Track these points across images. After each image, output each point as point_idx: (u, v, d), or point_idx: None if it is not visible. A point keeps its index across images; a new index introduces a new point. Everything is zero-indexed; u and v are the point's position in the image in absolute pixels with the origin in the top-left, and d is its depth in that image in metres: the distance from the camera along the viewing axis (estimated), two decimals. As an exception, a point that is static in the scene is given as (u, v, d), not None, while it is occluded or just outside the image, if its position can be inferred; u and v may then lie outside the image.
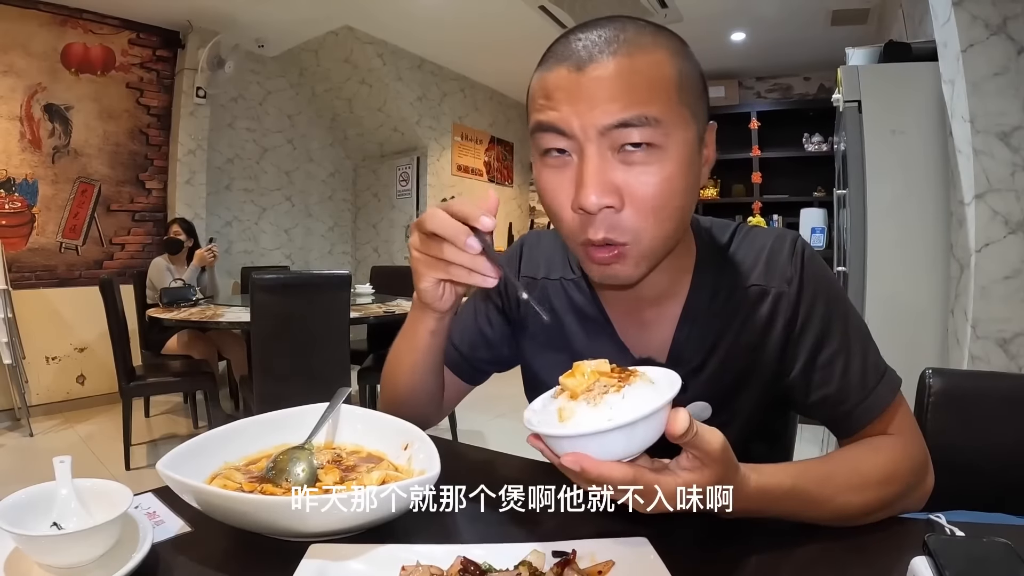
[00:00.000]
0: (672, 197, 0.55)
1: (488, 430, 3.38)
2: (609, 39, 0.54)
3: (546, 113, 0.55)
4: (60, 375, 3.68)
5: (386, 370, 0.78)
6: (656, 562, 0.47)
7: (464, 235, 0.54)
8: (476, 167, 5.75)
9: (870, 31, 3.93)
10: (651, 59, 0.54)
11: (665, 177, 0.54)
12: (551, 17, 4.01)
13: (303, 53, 4.78)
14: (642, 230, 0.56)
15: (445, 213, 0.56)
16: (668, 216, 0.56)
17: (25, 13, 3.48)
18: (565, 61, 0.54)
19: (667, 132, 0.53)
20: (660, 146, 0.53)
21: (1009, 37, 1.71)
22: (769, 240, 0.68)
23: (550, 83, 0.55)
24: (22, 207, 3.54)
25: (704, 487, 0.46)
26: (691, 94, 0.56)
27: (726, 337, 0.66)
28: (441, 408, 0.83)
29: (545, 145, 0.56)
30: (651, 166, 0.54)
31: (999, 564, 0.43)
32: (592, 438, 0.44)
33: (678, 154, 0.55)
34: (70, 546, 0.48)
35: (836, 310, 0.65)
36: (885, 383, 0.64)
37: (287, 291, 2.34)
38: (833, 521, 0.57)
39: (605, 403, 0.45)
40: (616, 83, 0.52)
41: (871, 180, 2.17)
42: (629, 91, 0.52)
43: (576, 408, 0.46)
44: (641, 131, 0.52)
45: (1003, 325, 1.73)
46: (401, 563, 0.48)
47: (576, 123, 0.53)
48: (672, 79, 0.54)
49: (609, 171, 0.54)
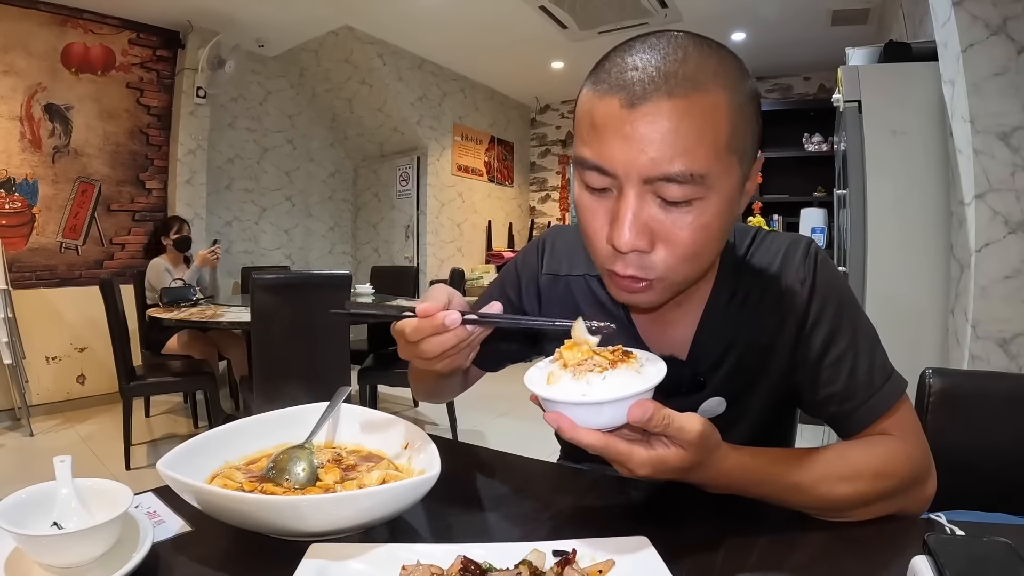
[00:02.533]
0: (707, 243, 0.56)
1: (489, 430, 3.38)
2: (667, 73, 0.51)
3: (592, 147, 0.54)
4: (60, 375, 3.68)
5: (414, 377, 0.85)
6: (656, 562, 0.47)
7: (463, 334, 0.55)
8: (476, 167, 5.75)
9: (870, 31, 3.93)
10: (708, 101, 0.51)
11: (702, 225, 0.54)
12: (551, 17, 4.01)
13: (303, 53, 4.78)
14: (672, 270, 0.56)
15: (433, 337, 0.55)
16: (701, 260, 0.57)
17: (25, 13, 3.48)
18: (618, 92, 0.52)
19: (710, 185, 0.52)
20: (701, 197, 0.53)
21: (1009, 37, 1.71)
22: (785, 244, 0.70)
23: (598, 115, 0.53)
24: (22, 207, 3.54)
25: (678, 465, 0.50)
26: (742, 135, 0.54)
27: (743, 336, 0.69)
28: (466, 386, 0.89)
29: (586, 181, 0.56)
30: (689, 215, 0.53)
31: (999, 564, 0.43)
32: (565, 406, 0.49)
33: (719, 202, 0.54)
34: (70, 546, 0.48)
35: (846, 312, 0.67)
36: (891, 385, 0.65)
37: (287, 291, 2.34)
38: (824, 510, 0.59)
39: (585, 380, 0.49)
40: (667, 129, 0.50)
41: (871, 180, 2.17)
42: (678, 141, 0.50)
43: (562, 376, 0.50)
44: (682, 188, 0.52)
45: (1003, 325, 1.73)
46: (401, 563, 0.48)
47: (620, 164, 0.52)
48: (725, 126, 0.52)
49: (646, 213, 0.53)
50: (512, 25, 4.16)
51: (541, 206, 6.46)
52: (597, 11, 3.90)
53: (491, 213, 5.95)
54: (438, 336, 0.54)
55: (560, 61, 4.99)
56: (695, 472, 0.52)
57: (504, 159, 6.14)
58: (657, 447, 0.50)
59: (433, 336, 0.54)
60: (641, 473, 0.50)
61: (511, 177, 6.25)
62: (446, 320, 0.53)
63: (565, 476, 0.77)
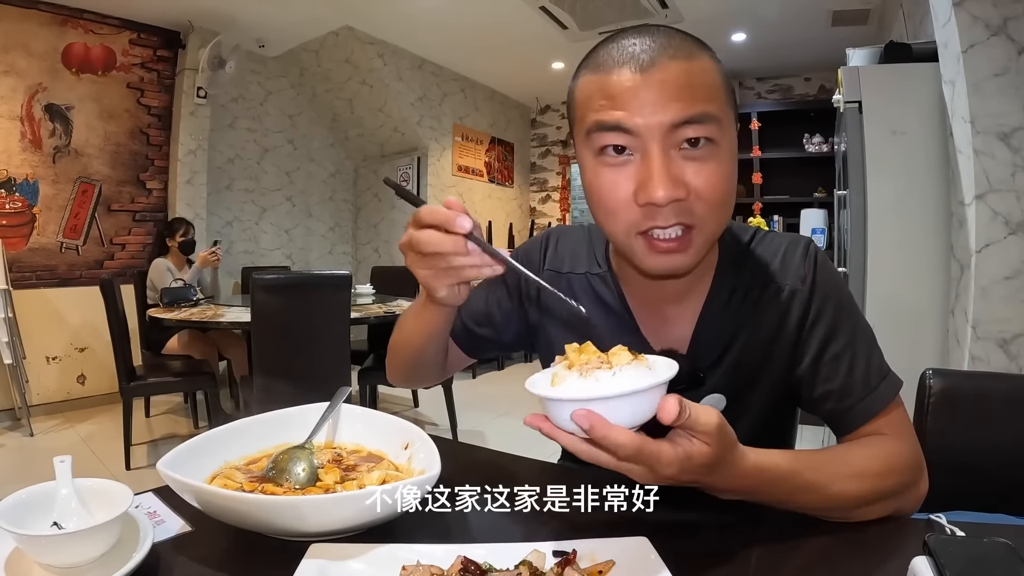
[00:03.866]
0: (730, 188, 0.60)
1: (489, 430, 3.38)
2: (664, 44, 0.58)
3: (609, 113, 0.57)
4: (60, 375, 3.68)
5: (394, 346, 0.81)
6: (656, 562, 0.47)
7: (461, 243, 0.54)
8: (476, 167, 5.75)
9: (870, 32, 3.93)
10: (703, 65, 0.58)
11: (724, 171, 0.59)
12: (552, 18, 4.01)
13: (304, 53, 4.78)
14: (707, 218, 0.59)
15: (431, 229, 0.55)
16: (727, 207, 0.61)
17: (26, 13, 3.48)
18: (626, 64, 0.57)
19: (722, 130, 0.58)
20: (717, 142, 0.58)
21: (1009, 38, 1.71)
22: (784, 243, 0.71)
23: (612, 84, 0.57)
24: (23, 207, 3.54)
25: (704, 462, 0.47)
26: (731, 98, 0.62)
27: (743, 333, 0.69)
28: (444, 372, 0.86)
29: (605, 142, 0.59)
30: (710, 162, 0.58)
31: (999, 564, 0.43)
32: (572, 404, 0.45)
33: (730, 150, 0.60)
34: (70, 546, 0.48)
35: (845, 311, 0.68)
36: (887, 384, 0.66)
37: (288, 291, 2.34)
38: (829, 509, 0.59)
39: (593, 377, 0.47)
40: (680, 84, 0.56)
41: (872, 181, 2.17)
42: (692, 91, 0.56)
43: (567, 376, 0.48)
44: (701, 127, 0.56)
45: (1003, 326, 1.73)
46: (401, 563, 0.48)
47: (641, 122, 0.56)
48: (720, 83, 0.59)
49: (675, 167, 0.57)
50: (512, 25, 4.16)
51: (541, 207, 6.46)
52: (597, 11, 3.90)
53: (491, 214, 5.95)
54: (440, 234, 0.54)
55: (561, 61, 4.99)
56: (717, 472, 0.50)
57: (504, 159, 6.13)
58: (681, 443, 0.47)
59: (435, 229, 0.54)
60: (667, 473, 0.47)
61: (511, 178, 6.25)
62: (458, 220, 0.53)
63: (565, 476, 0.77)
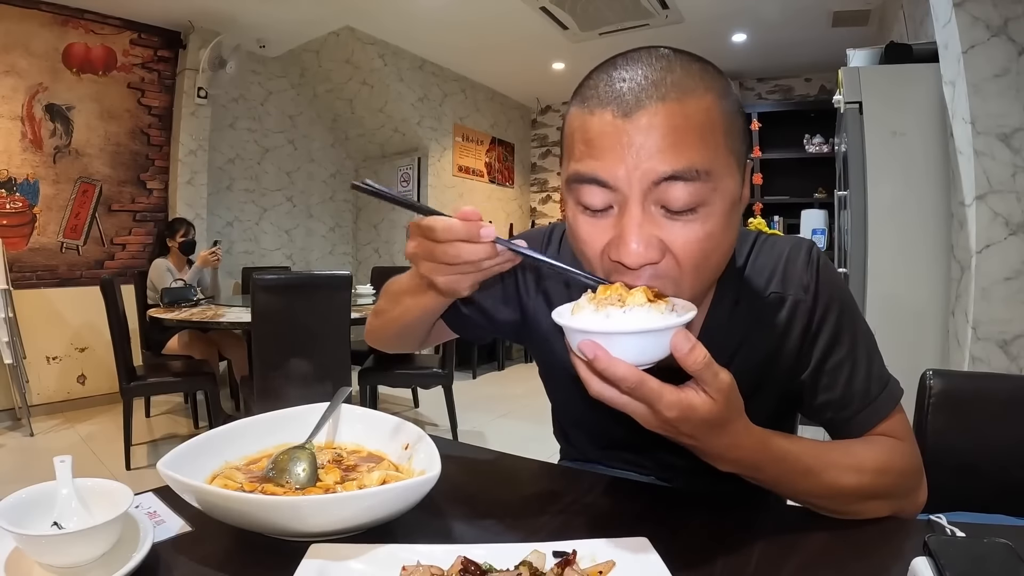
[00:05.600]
0: (715, 252, 0.54)
1: (489, 430, 3.38)
2: (656, 81, 0.51)
3: (587, 163, 0.52)
4: (61, 375, 3.68)
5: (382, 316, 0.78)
6: (656, 562, 0.47)
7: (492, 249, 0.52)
8: (477, 168, 5.75)
9: (871, 32, 3.93)
10: (700, 104, 0.51)
11: (708, 233, 0.52)
12: (552, 18, 4.02)
13: (304, 54, 4.79)
14: (682, 281, 0.54)
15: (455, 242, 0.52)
16: (709, 269, 0.56)
17: (26, 13, 3.48)
18: (610, 104, 0.51)
19: (714, 186, 0.51)
20: (706, 203, 0.51)
21: (1010, 38, 1.71)
22: (786, 249, 0.69)
23: (593, 129, 0.52)
24: (23, 207, 3.54)
25: (705, 416, 0.47)
26: (736, 138, 0.54)
27: (746, 344, 0.68)
28: (426, 342, 0.83)
29: (584, 200, 0.54)
30: (695, 223, 0.52)
31: (1000, 565, 0.43)
32: (578, 334, 0.46)
33: (723, 207, 0.53)
34: (71, 546, 0.48)
35: (846, 318, 0.67)
36: (887, 394, 0.65)
37: (288, 292, 2.34)
38: (825, 498, 0.59)
39: (605, 312, 0.48)
40: (666, 132, 0.50)
41: (872, 181, 2.17)
42: (679, 141, 0.50)
43: (584, 307, 0.49)
44: (687, 186, 0.50)
45: (1004, 326, 1.73)
46: (402, 563, 0.48)
47: (622, 175, 0.50)
48: (720, 123, 0.52)
49: (652, 225, 0.52)
50: (513, 26, 4.16)
51: (542, 207, 6.46)
52: (598, 12, 3.90)
53: (492, 214, 5.95)
54: (469, 244, 0.51)
55: (561, 62, 5.00)
56: (716, 433, 0.49)
57: (505, 160, 6.14)
58: (687, 391, 0.47)
59: (463, 242, 0.51)
60: (668, 416, 0.46)
61: (512, 178, 6.25)
62: (483, 230, 0.51)
63: (565, 477, 0.77)
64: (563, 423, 0.88)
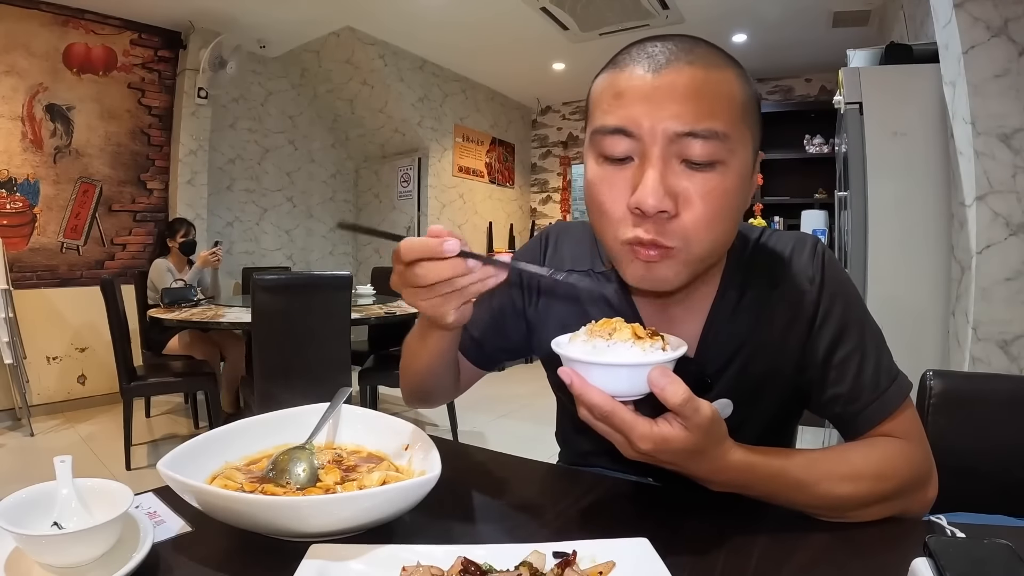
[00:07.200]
0: (728, 210, 0.56)
1: (489, 431, 3.38)
2: (684, 49, 0.55)
3: (615, 113, 0.55)
4: (61, 375, 3.68)
5: (404, 371, 0.80)
6: (656, 562, 0.47)
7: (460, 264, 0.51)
8: (477, 168, 5.75)
9: (871, 33, 3.93)
10: (723, 76, 0.55)
11: (724, 190, 0.55)
12: (552, 19, 4.02)
13: (305, 54, 4.79)
14: (693, 238, 0.56)
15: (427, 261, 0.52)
16: (720, 229, 0.57)
17: (27, 13, 3.49)
18: (640, 63, 0.55)
19: (731, 148, 0.54)
20: (725, 162, 0.54)
21: (1010, 39, 1.71)
22: (791, 242, 0.70)
23: (622, 82, 0.55)
24: (23, 207, 3.55)
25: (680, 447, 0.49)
26: (753, 117, 0.58)
27: (752, 336, 0.68)
28: (458, 389, 0.85)
29: (606, 150, 0.56)
30: (713, 177, 0.54)
31: (1000, 566, 0.43)
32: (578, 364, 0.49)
33: (738, 171, 0.56)
34: (71, 546, 0.48)
35: (853, 311, 0.67)
36: (896, 387, 0.65)
37: (288, 292, 2.34)
38: (821, 508, 0.59)
39: (592, 343, 0.51)
40: (690, 90, 0.53)
41: (872, 182, 2.17)
42: (701, 101, 0.53)
43: (579, 336, 0.53)
44: (706, 144, 0.53)
45: (1004, 327, 1.73)
46: (402, 563, 0.48)
47: (646, 124, 0.54)
48: (739, 99, 0.56)
49: (671, 176, 0.54)
50: (513, 26, 4.16)
51: (542, 207, 6.47)
52: (598, 12, 3.90)
53: (492, 214, 5.95)
54: (434, 262, 0.51)
55: (561, 62, 5.00)
56: (695, 461, 0.51)
57: (505, 160, 6.14)
58: (661, 424, 0.49)
59: (427, 260, 0.51)
60: (642, 448, 0.49)
61: (512, 178, 6.25)
62: (445, 244, 0.50)
63: (565, 477, 0.77)
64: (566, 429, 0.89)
